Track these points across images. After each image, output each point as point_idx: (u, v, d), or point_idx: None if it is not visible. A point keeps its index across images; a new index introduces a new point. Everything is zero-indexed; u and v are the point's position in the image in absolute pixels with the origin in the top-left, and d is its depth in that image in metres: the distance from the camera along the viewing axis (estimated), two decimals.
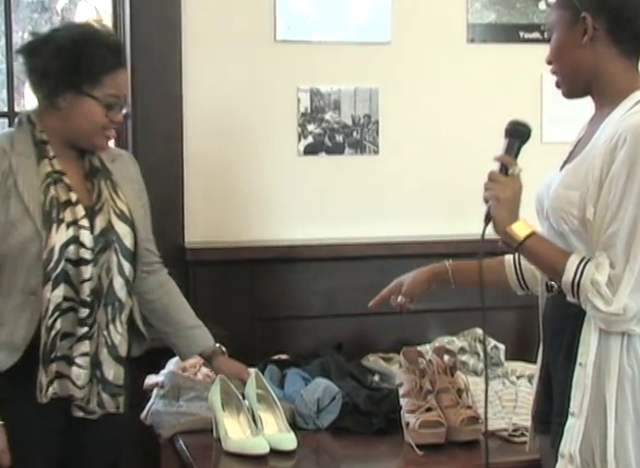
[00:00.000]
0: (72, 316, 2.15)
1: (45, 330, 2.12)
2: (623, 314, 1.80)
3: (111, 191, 2.25)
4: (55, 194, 2.15)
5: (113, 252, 2.20)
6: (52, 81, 2.16)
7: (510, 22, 3.25)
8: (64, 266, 2.13)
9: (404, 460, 2.32)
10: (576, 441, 1.86)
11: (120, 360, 2.23)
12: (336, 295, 3.07)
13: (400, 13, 3.16)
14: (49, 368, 2.14)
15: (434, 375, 2.43)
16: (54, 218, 2.13)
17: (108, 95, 2.17)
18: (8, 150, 2.16)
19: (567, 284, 1.86)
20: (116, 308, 2.21)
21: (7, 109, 3.07)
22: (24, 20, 3.74)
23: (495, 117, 3.24)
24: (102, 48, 2.16)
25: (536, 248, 1.92)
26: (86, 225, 2.17)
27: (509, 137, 2.04)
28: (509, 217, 1.92)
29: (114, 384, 2.22)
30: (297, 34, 3.09)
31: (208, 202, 3.05)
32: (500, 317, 3.10)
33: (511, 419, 2.47)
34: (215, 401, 2.37)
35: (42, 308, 2.12)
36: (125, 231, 2.24)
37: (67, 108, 2.17)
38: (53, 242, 2.12)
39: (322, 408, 2.47)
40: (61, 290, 2.13)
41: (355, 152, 3.17)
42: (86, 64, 2.14)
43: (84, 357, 2.16)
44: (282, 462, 2.26)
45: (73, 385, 2.16)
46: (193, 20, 3.01)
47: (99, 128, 2.19)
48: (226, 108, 3.06)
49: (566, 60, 1.96)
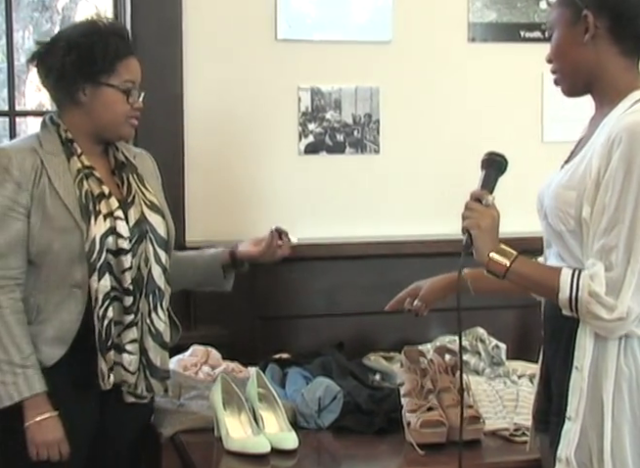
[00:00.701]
0: (119, 305, 2.21)
1: (98, 319, 2.17)
2: (627, 318, 1.80)
3: (139, 184, 2.31)
4: (89, 188, 2.21)
5: (148, 242, 2.26)
6: (70, 77, 2.21)
7: (511, 21, 3.25)
8: (106, 257, 2.18)
9: (405, 460, 2.32)
10: (572, 445, 1.86)
11: (165, 346, 2.30)
12: (337, 294, 3.07)
13: (401, 12, 3.16)
14: (107, 356, 2.19)
15: (435, 374, 2.43)
16: (91, 211, 2.18)
17: (124, 81, 2.23)
18: (38, 149, 2.21)
19: (564, 301, 1.85)
20: (157, 296, 2.27)
21: (8, 108, 3.06)
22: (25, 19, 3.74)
23: (496, 117, 3.27)
24: (113, 36, 2.22)
25: (524, 270, 1.91)
26: (121, 216, 2.22)
27: (485, 168, 2.06)
28: (491, 244, 1.92)
29: (161, 369, 2.29)
30: (298, 33, 3.09)
31: (209, 200, 3.05)
32: (501, 317, 3.11)
33: (512, 419, 2.47)
34: (216, 400, 2.37)
35: (90, 299, 2.17)
36: (158, 221, 2.30)
37: (88, 102, 2.22)
38: (93, 233, 2.17)
39: (323, 407, 2.47)
40: (107, 280, 2.18)
41: (356, 151, 3.17)
42: (101, 53, 2.19)
43: (133, 344, 2.22)
44: (283, 461, 2.26)
45: (126, 371, 2.22)
46: (194, 18, 3.01)
47: (123, 117, 2.24)
48: (227, 107, 3.06)
49: (566, 58, 1.96)
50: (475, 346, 2.92)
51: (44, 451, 2.16)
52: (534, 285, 1.94)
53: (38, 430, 2.15)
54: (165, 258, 2.30)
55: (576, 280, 1.83)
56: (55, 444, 2.17)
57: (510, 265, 1.90)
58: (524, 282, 1.95)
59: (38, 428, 2.15)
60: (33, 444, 2.16)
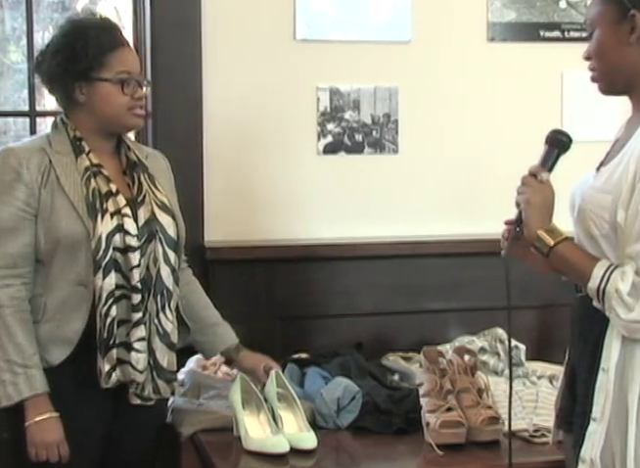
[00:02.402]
0: (126, 303, 2.20)
1: (100, 317, 2.16)
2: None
3: (150, 184, 2.30)
4: (96, 186, 2.20)
5: (158, 241, 2.25)
6: (60, 79, 2.22)
7: (530, 20, 3.24)
8: (112, 255, 2.17)
9: (424, 460, 2.31)
10: (598, 446, 1.85)
11: (172, 347, 2.28)
12: (355, 294, 3.07)
13: (420, 12, 3.15)
14: (109, 355, 2.17)
15: (454, 375, 2.43)
16: (98, 209, 2.18)
17: (117, 73, 2.22)
18: (47, 148, 2.22)
19: (592, 290, 1.84)
20: (165, 297, 2.26)
21: (28, 108, 3.08)
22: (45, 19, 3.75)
23: (515, 117, 3.26)
24: (92, 30, 2.21)
25: (566, 254, 1.89)
26: (129, 213, 2.21)
27: (548, 145, 2.01)
28: (540, 222, 1.90)
29: (168, 370, 2.27)
30: (317, 33, 3.09)
31: (228, 201, 3.06)
32: (521, 317, 3.09)
33: (532, 419, 2.46)
34: (236, 400, 2.38)
35: (94, 298, 2.16)
36: (168, 221, 2.29)
37: (86, 100, 2.22)
38: (100, 231, 2.16)
39: (342, 407, 2.47)
40: (112, 278, 2.17)
41: (375, 151, 3.17)
42: (83, 48, 2.19)
43: (141, 342, 2.20)
44: (302, 461, 2.26)
45: (134, 369, 2.20)
46: (213, 19, 3.01)
47: (123, 109, 2.23)
48: (246, 107, 3.06)
49: (608, 58, 1.90)
50: (494, 346, 2.91)
51: (43, 452, 2.15)
52: (570, 269, 1.92)
53: (38, 430, 2.14)
54: (175, 259, 2.29)
55: (609, 273, 1.82)
56: (54, 445, 2.15)
57: (554, 245, 1.88)
58: (562, 264, 1.92)
59: (38, 428, 2.14)
60: (32, 445, 2.15)
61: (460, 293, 3.12)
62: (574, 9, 3.27)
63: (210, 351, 2.49)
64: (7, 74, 3.62)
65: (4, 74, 3.63)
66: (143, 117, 2.30)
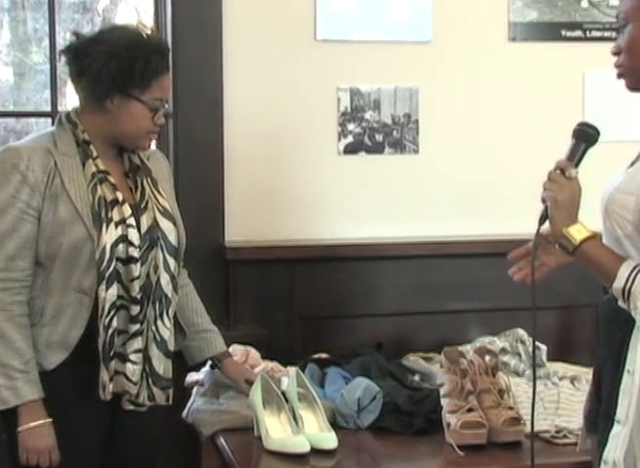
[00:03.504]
0: (125, 314, 2.17)
1: (103, 329, 2.13)
2: None
3: (152, 188, 2.27)
4: (102, 193, 2.17)
5: (159, 249, 2.22)
6: (103, 85, 2.16)
7: (552, 20, 3.23)
8: (115, 265, 2.15)
9: (445, 461, 2.31)
10: (621, 448, 1.82)
11: (169, 354, 2.26)
12: (376, 294, 3.06)
13: (441, 12, 3.15)
14: (109, 366, 2.16)
15: (475, 375, 2.42)
16: (103, 218, 2.14)
17: (154, 99, 2.19)
18: (52, 150, 2.17)
19: (617, 290, 1.82)
20: (164, 304, 2.23)
21: (50, 108, 3.09)
22: (66, 20, 3.77)
23: (536, 117, 3.25)
24: (155, 55, 2.18)
25: (593, 252, 1.86)
26: (133, 224, 2.18)
27: (575, 139, 1.98)
28: (566, 219, 1.87)
29: (164, 377, 2.24)
30: (338, 34, 3.09)
31: (249, 201, 3.06)
32: (542, 318, 3.05)
33: (553, 421, 2.45)
34: (257, 400, 2.38)
35: (96, 307, 2.13)
36: (169, 227, 2.26)
37: (114, 110, 2.18)
38: (104, 241, 2.13)
39: (362, 408, 2.47)
40: (115, 289, 2.14)
41: (395, 151, 3.16)
42: (140, 69, 2.15)
43: (137, 354, 2.18)
44: (322, 461, 2.26)
45: (128, 381, 2.18)
46: (233, 20, 3.02)
47: (144, 131, 2.21)
48: (266, 107, 3.07)
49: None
50: (515, 347, 2.90)
51: (34, 457, 2.13)
52: (596, 268, 1.89)
53: (30, 436, 2.12)
54: (174, 266, 2.26)
55: (635, 273, 1.80)
56: (46, 451, 2.13)
57: (580, 243, 1.86)
58: (588, 263, 1.89)
59: (30, 434, 2.12)
60: (24, 450, 2.13)
61: (481, 293, 3.11)
62: (596, 8, 3.25)
63: (197, 356, 2.47)
64: (28, 75, 3.64)
65: (25, 75, 3.65)
66: (152, 141, 2.29)
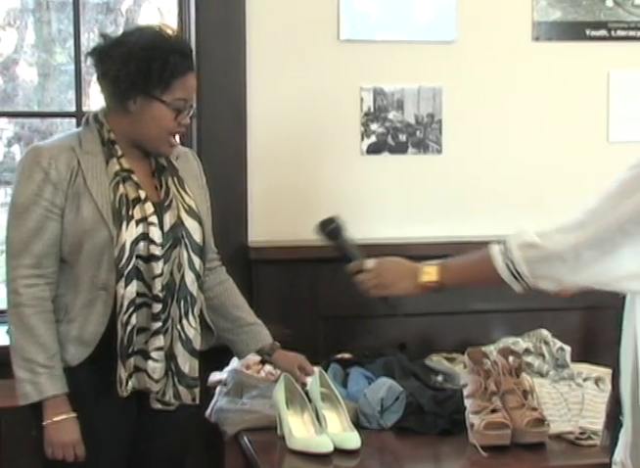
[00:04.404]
0: (146, 311, 2.18)
1: (121, 325, 2.15)
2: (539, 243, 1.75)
3: (178, 187, 2.28)
4: (124, 191, 2.18)
5: (183, 247, 2.23)
6: (123, 86, 2.17)
7: (576, 19, 3.21)
8: (135, 263, 2.16)
9: (469, 461, 2.30)
10: (625, 447, 1.82)
11: (195, 353, 2.26)
12: None
13: (465, 11, 3.14)
14: (127, 363, 2.17)
15: (499, 376, 2.41)
16: (124, 216, 2.16)
17: (177, 99, 2.19)
18: (76, 148, 2.19)
19: (504, 270, 1.80)
20: (189, 303, 2.24)
21: (75, 109, 3.11)
22: (90, 21, 3.79)
23: (561, 117, 3.23)
24: (174, 54, 2.17)
25: (456, 274, 1.90)
26: (155, 222, 2.19)
27: (332, 242, 2.16)
28: (408, 280, 1.96)
29: (189, 376, 2.25)
30: (361, 34, 3.09)
31: (272, 201, 3.07)
32: (566, 319, 3.08)
33: (577, 422, 2.44)
34: (280, 400, 2.38)
35: (115, 304, 2.15)
36: (194, 226, 2.26)
37: (136, 112, 2.19)
38: (124, 239, 2.15)
39: (386, 408, 2.46)
40: (134, 286, 2.16)
41: (418, 151, 3.16)
42: (158, 70, 2.15)
43: (159, 351, 2.19)
44: (346, 461, 2.26)
45: (150, 378, 2.19)
46: (257, 20, 3.02)
47: (166, 133, 2.21)
48: (289, 108, 3.07)
49: None
50: (539, 347, 2.89)
51: (59, 452, 2.15)
52: (475, 279, 1.92)
53: (55, 430, 2.15)
54: (200, 265, 2.27)
55: (505, 246, 1.79)
56: (70, 445, 2.15)
57: (440, 279, 1.91)
58: (463, 281, 1.94)
59: (55, 428, 2.14)
60: (49, 444, 2.16)
61: (504, 293, 3.07)
62: (621, 7, 3.23)
63: (244, 350, 2.47)
64: (53, 76, 3.66)
65: (50, 76, 3.67)
66: (175, 147, 2.28)
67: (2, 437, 2.84)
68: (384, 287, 1.96)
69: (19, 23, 3.69)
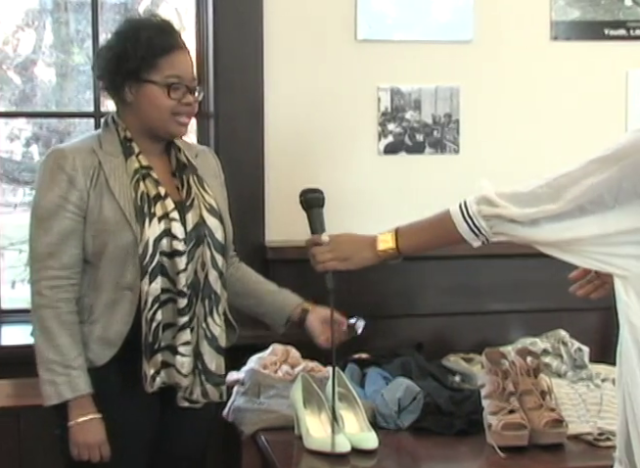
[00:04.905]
0: (172, 307, 2.19)
1: (145, 322, 2.16)
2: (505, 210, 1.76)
3: (198, 186, 2.29)
4: (145, 189, 2.20)
5: (206, 246, 2.24)
6: (110, 76, 2.22)
7: (595, 19, 3.20)
8: (159, 259, 2.17)
9: (487, 462, 2.29)
10: (620, 443, 1.81)
11: (221, 351, 2.27)
12: (416, 294, 3.06)
13: (482, 11, 3.13)
14: (154, 359, 2.18)
15: (516, 376, 2.40)
16: (146, 213, 2.17)
17: (166, 77, 2.20)
18: (97, 150, 2.21)
19: (462, 225, 1.81)
20: (213, 301, 2.25)
21: (93, 109, 3.12)
22: (108, 22, 3.80)
23: (579, 116, 3.22)
24: (146, 31, 2.20)
25: (412, 238, 1.91)
26: (177, 218, 2.21)
27: (306, 210, 2.14)
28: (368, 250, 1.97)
29: (216, 374, 2.27)
30: (378, 34, 3.09)
31: (289, 200, 3.03)
32: (584, 319, 3.06)
33: (595, 423, 2.43)
34: (297, 399, 2.38)
35: (140, 302, 2.16)
36: (216, 225, 2.28)
37: (134, 100, 2.22)
38: (147, 236, 2.16)
39: (403, 408, 2.46)
40: (158, 282, 2.17)
41: (436, 151, 3.15)
42: (133, 48, 2.18)
43: (187, 346, 2.20)
44: (363, 461, 2.26)
45: (178, 373, 2.20)
46: (274, 20, 3.03)
47: (168, 113, 2.21)
48: (306, 107, 3.07)
49: None
50: (557, 348, 2.88)
51: (85, 452, 2.16)
52: (433, 242, 1.93)
53: (80, 431, 2.15)
54: (222, 263, 2.28)
55: (464, 203, 1.82)
56: (96, 445, 2.16)
57: (397, 244, 1.92)
58: (423, 246, 1.95)
59: (80, 429, 2.15)
60: (75, 445, 2.16)
61: (522, 294, 3.10)
62: None
63: (279, 317, 2.41)
64: (70, 76, 3.67)
65: (68, 76, 3.69)
66: (186, 125, 2.28)
67: (21, 435, 2.86)
68: (343, 260, 1.97)
69: (37, 24, 3.71)
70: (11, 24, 3.66)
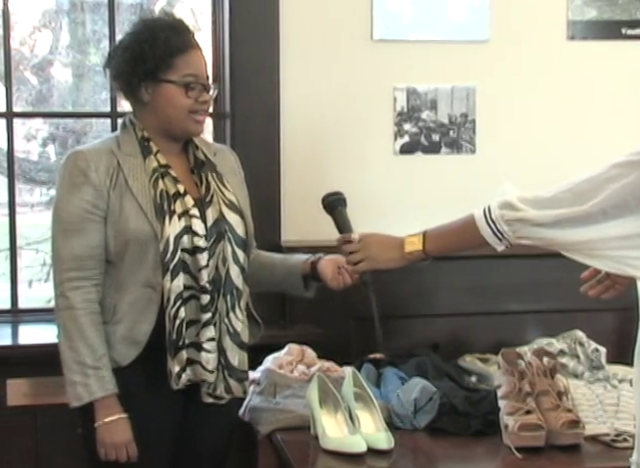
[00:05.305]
0: (195, 304, 2.20)
1: (169, 319, 2.17)
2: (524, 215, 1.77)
3: (218, 183, 2.30)
4: (164, 187, 2.21)
5: (227, 241, 2.25)
6: (127, 76, 2.22)
7: (612, 18, 3.19)
8: (180, 256, 2.18)
9: (503, 462, 2.29)
10: (637, 446, 1.81)
11: (243, 346, 2.28)
12: (432, 294, 3.05)
13: (499, 10, 3.13)
14: (178, 356, 2.18)
15: (533, 377, 2.40)
16: (166, 210, 2.18)
17: (183, 76, 2.21)
18: (116, 151, 2.22)
19: (486, 230, 1.83)
20: (235, 296, 2.26)
21: (109, 109, 3.13)
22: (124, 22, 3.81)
23: (596, 116, 3.21)
24: (163, 32, 2.21)
25: (439, 241, 1.94)
26: (197, 214, 2.21)
27: (330, 213, 2.19)
28: (395, 252, 1.99)
29: (239, 369, 2.27)
30: (395, 33, 3.09)
31: (305, 201, 3.06)
32: (601, 320, 3.05)
33: (612, 424, 2.42)
34: (313, 399, 2.38)
35: (162, 299, 2.17)
36: (237, 221, 2.29)
37: (151, 100, 2.22)
38: (167, 233, 2.17)
39: (419, 408, 2.45)
40: (180, 279, 2.17)
41: (452, 151, 3.15)
42: (150, 49, 2.19)
43: (211, 342, 2.21)
44: (379, 461, 2.26)
45: (204, 369, 2.20)
46: (290, 20, 3.03)
47: (185, 112, 2.22)
48: (322, 107, 3.07)
49: None
50: (573, 349, 2.87)
51: (112, 452, 2.17)
52: (459, 245, 1.95)
53: (107, 431, 2.16)
54: (244, 258, 2.28)
55: (488, 208, 1.84)
56: (122, 445, 2.17)
57: (424, 247, 1.95)
58: (449, 248, 1.97)
59: (107, 429, 2.16)
60: (102, 445, 2.17)
61: (538, 294, 3.09)
62: None
63: (295, 280, 2.37)
64: (87, 76, 3.69)
65: (84, 76, 3.70)
66: (202, 124, 2.28)
67: (38, 434, 2.87)
68: (371, 259, 2.00)
69: (54, 25, 3.73)
70: (28, 25, 3.68)
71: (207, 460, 2.36)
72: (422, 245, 1.96)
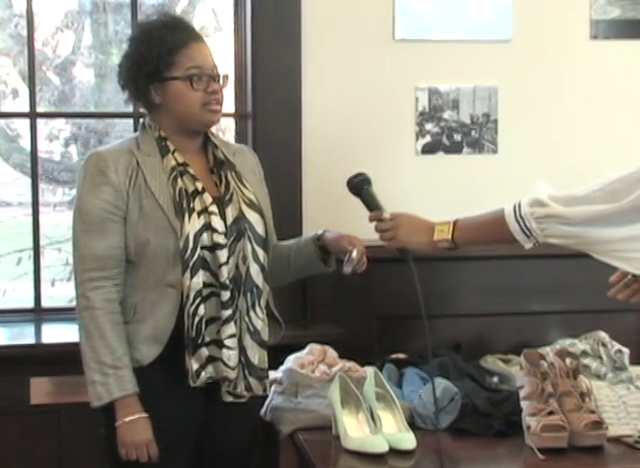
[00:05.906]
0: (215, 301, 2.21)
1: (188, 317, 2.18)
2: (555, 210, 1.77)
3: (237, 181, 2.31)
4: (182, 185, 2.21)
5: (246, 240, 2.26)
6: (133, 82, 2.24)
7: (635, 17, 3.17)
8: (200, 253, 2.19)
9: (525, 464, 2.28)
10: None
11: (263, 345, 2.28)
12: (454, 294, 3.05)
13: (521, 10, 3.12)
14: (197, 353, 2.19)
15: (555, 378, 2.39)
16: (185, 208, 2.19)
17: (186, 69, 2.21)
18: (135, 151, 2.24)
19: (514, 227, 1.82)
20: (255, 295, 2.26)
21: (132, 109, 3.14)
22: None
23: (619, 116, 3.19)
24: (157, 31, 2.22)
25: (468, 233, 1.97)
26: (216, 211, 2.22)
27: (357, 195, 2.24)
28: (423, 236, 2.05)
29: (259, 368, 2.28)
30: (416, 33, 3.09)
31: (326, 201, 3.07)
32: (624, 321, 3.04)
33: (636, 425, 2.40)
34: (335, 399, 2.38)
35: (182, 297, 2.18)
36: (256, 219, 2.29)
37: (162, 101, 2.24)
38: (187, 231, 2.18)
39: (441, 409, 2.45)
40: (200, 277, 2.18)
41: (474, 151, 3.14)
42: (147, 50, 2.20)
43: (232, 339, 2.21)
44: (401, 461, 2.25)
45: (226, 366, 2.21)
46: (312, 20, 3.03)
47: (197, 105, 2.23)
48: (344, 107, 3.07)
49: None
50: (596, 350, 2.86)
51: (132, 452, 2.17)
52: (487, 238, 2.00)
53: (127, 430, 2.17)
54: (264, 256, 2.29)
55: (518, 204, 1.86)
56: (143, 445, 2.17)
57: (453, 237, 1.98)
58: (477, 241, 2.01)
59: (127, 429, 2.17)
60: (122, 445, 2.18)
61: (561, 295, 3.08)
62: None
63: (311, 258, 2.36)
64: (109, 76, 3.70)
65: (106, 76, 3.72)
66: (218, 112, 2.27)
67: (61, 432, 2.89)
68: (400, 239, 2.05)
69: (76, 25, 3.74)
70: (50, 26, 3.70)
71: (230, 459, 2.36)
72: (451, 234, 1.97)
